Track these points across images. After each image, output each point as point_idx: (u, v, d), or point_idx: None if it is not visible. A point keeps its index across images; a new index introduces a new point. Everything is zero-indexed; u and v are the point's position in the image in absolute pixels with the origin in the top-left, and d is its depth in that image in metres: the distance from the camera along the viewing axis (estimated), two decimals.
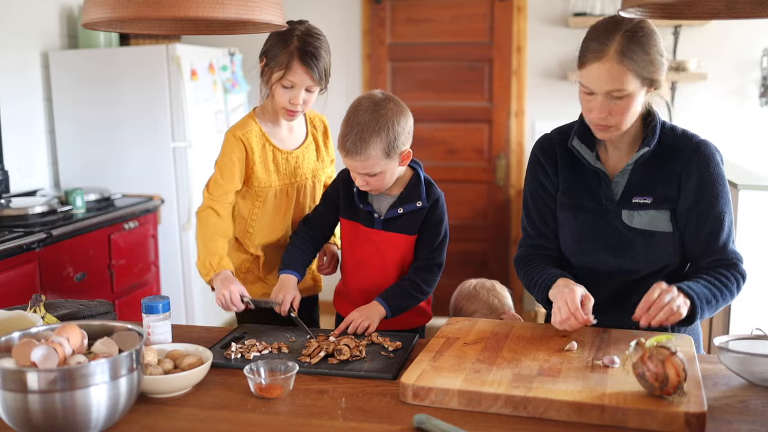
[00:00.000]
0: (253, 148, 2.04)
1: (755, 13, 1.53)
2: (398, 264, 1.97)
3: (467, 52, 4.46)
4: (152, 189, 3.84)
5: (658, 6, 1.55)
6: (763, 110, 4.16)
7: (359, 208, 1.97)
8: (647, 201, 1.69)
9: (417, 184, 1.94)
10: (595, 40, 1.59)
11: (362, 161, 1.83)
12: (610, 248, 1.72)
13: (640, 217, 1.69)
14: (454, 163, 4.53)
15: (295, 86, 1.96)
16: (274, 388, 1.44)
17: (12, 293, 2.78)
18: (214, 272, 1.95)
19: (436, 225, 1.95)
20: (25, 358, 1.24)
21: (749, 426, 1.29)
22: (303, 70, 1.94)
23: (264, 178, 2.06)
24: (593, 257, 1.75)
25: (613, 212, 1.71)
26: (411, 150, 1.90)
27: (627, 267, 1.72)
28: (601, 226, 1.72)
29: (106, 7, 1.35)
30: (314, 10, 4.60)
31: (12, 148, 3.64)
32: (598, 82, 1.58)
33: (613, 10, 4.09)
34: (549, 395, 1.34)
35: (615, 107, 1.60)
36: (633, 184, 1.70)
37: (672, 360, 1.31)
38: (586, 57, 1.60)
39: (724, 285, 1.63)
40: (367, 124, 1.81)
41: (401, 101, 1.90)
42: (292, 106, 1.98)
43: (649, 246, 1.69)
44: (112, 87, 3.80)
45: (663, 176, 1.69)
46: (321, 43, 1.98)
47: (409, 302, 1.93)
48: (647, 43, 1.57)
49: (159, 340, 1.68)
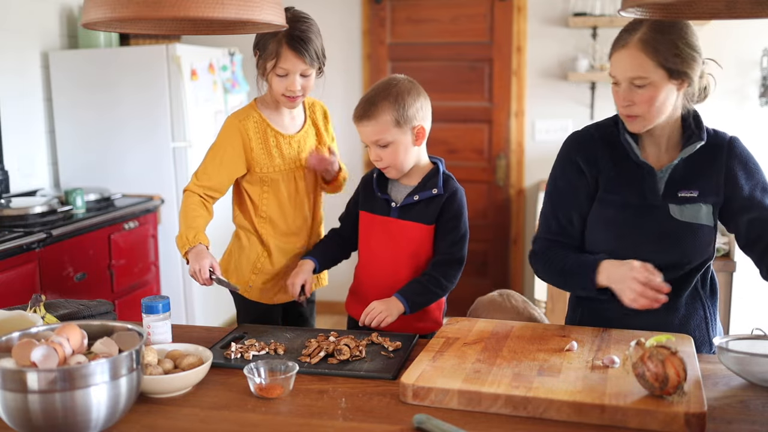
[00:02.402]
0: (250, 134, 2.05)
1: (755, 13, 1.52)
2: (411, 255, 1.95)
3: (467, 52, 4.46)
4: (152, 189, 3.84)
5: (658, 6, 1.55)
6: (763, 110, 4.16)
7: (377, 196, 1.99)
8: (694, 194, 1.70)
9: (435, 175, 1.97)
10: (625, 30, 1.64)
11: (371, 125, 1.88)
12: (656, 243, 1.70)
13: (690, 211, 1.70)
14: (454, 163, 4.53)
15: (290, 73, 1.97)
16: (274, 388, 1.44)
17: (12, 293, 2.78)
18: (190, 245, 1.97)
19: (454, 218, 1.95)
20: (25, 358, 1.24)
21: (749, 426, 1.29)
22: (293, 56, 1.94)
23: (266, 162, 2.07)
24: (637, 252, 1.68)
25: (660, 207, 1.71)
26: (426, 131, 1.93)
27: (674, 261, 1.70)
28: (648, 221, 1.71)
29: (106, 7, 1.35)
30: (314, 10, 4.54)
31: (12, 148, 3.64)
32: (620, 69, 1.63)
33: (613, 10, 4.09)
34: (549, 395, 1.34)
35: (638, 96, 1.62)
36: (675, 179, 1.71)
37: (672, 360, 1.31)
38: (614, 47, 1.65)
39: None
40: (379, 91, 1.90)
41: (420, 86, 1.95)
42: (290, 92, 1.99)
43: (696, 239, 1.70)
44: (112, 87, 3.80)
45: (705, 171, 1.71)
46: (309, 26, 1.98)
47: (429, 298, 1.92)
48: (674, 34, 1.59)
49: (159, 340, 1.68)
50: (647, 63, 1.59)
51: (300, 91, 2.00)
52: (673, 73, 1.60)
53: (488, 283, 4.51)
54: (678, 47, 1.59)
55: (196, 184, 2.07)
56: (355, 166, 4.49)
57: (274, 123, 2.09)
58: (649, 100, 1.61)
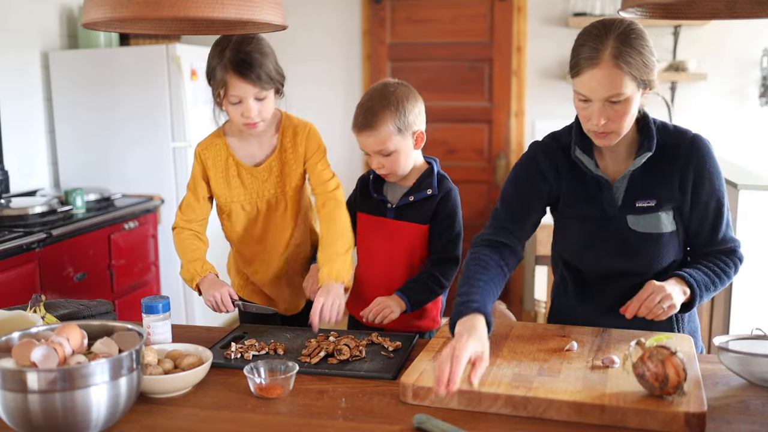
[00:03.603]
0: (208, 163, 2.00)
1: (755, 13, 1.52)
2: (407, 255, 1.97)
3: (467, 52, 4.46)
4: (152, 189, 3.84)
5: (658, 6, 1.55)
6: (763, 110, 4.16)
7: (373, 197, 2.00)
8: (651, 204, 1.68)
9: (430, 175, 1.98)
10: (588, 45, 1.55)
11: (374, 135, 1.87)
12: (618, 254, 1.71)
13: (647, 221, 1.68)
14: (454, 163, 4.53)
15: (242, 99, 1.85)
16: (274, 388, 1.44)
17: (12, 293, 2.78)
18: (200, 276, 1.95)
19: (449, 217, 1.96)
20: (25, 358, 1.24)
21: (749, 426, 1.29)
22: (241, 82, 1.83)
23: (224, 192, 2.01)
24: (601, 263, 1.74)
25: (618, 218, 1.70)
26: (424, 134, 1.94)
27: (636, 270, 1.71)
28: (607, 233, 1.71)
29: (106, 7, 1.35)
30: (314, 10, 4.60)
31: (12, 148, 3.64)
32: (595, 89, 1.55)
33: (613, 11, 4.09)
34: (549, 395, 1.34)
35: (613, 113, 1.57)
36: (633, 188, 1.69)
37: (672, 360, 1.31)
38: (580, 65, 1.56)
39: (723, 270, 1.67)
40: (378, 99, 1.89)
41: (414, 89, 1.96)
42: (247, 119, 1.88)
43: (658, 247, 1.69)
44: (112, 87, 3.80)
45: (662, 176, 1.68)
46: (255, 46, 1.85)
47: (428, 296, 1.94)
48: (640, 44, 1.55)
49: (159, 340, 1.68)
50: (623, 79, 1.53)
51: (258, 116, 1.88)
52: (642, 82, 1.57)
53: None
54: (644, 56, 1.55)
55: (183, 219, 2.03)
56: (355, 167, 4.49)
57: (238, 152, 2.01)
58: (624, 115, 1.57)
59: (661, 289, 1.56)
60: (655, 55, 1.59)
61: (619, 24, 1.56)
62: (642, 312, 1.55)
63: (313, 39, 4.61)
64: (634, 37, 1.55)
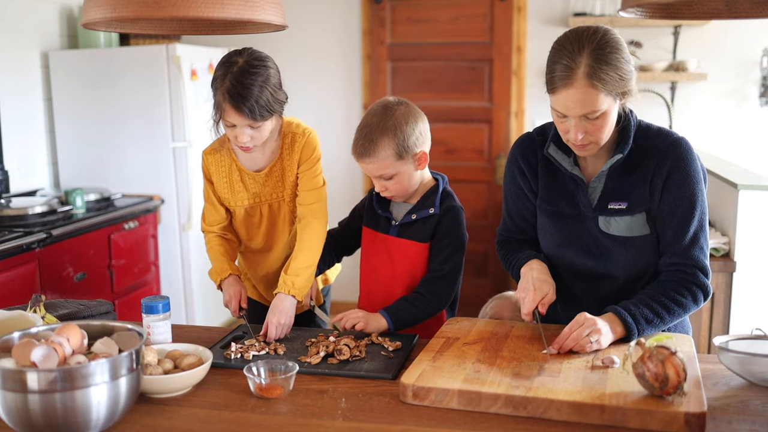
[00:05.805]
0: (211, 168, 2.04)
1: (755, 13, 1.53)
2: (407, 273, 1.95)
3: (467, 52, 4.46)
4: (152, 189, 3.84)
5: (658, 6, 1.55)
6: (763, 110, 4.16)
7: (378, 214, 1.99)
8: (622, 206, 1.65)
9: (434, 193, 1.94)
10: (561, 63, 1.53)
11: (373, 162, 1.84)
12: (590, 254, 1.70)
13: (617, 224, 1.66)
14: (454, 163, 4.53)
15: (236, 126, 1.85)
16: (274, 388, 1.44)
17: (12, 293, 2.78)
18: (221, 278, 2.02)
19: (447, 236, 1.92)
20: (25, 358, 1.24)
21: (749, 426, 1.29)
22: (234, 112, 1.82)
23: (227, 196, 2.06)
24: (575, 262, 1.73)
25: (591, 219, 1.69)
26: (427, 153, 1.89)
27: (608, 273, 1.70)
28: (580, 233, 1.70)
29: (106, 7, 1.35)
30: (314, 10, 4.60)
31: (12, 148, 3.64)
32: (570, 107, 1.53)
33: (613, 10, 4.09)
34: (549, 395, 1.34)
35: (591, 126, 1.56)
36: (609, 189, 1.67)
37: (672, 360, 1.31)
38: (555, 83, 1.55)
39: (675, 302, 1.60)
40: (376, 125, 1.83)
41: (415, 106, 1.90)
42: (240, 143, 1.88)
43: (628, 252, 1.67)
44: (112, 87, 3.80)
45: (637, 178, 1.65)
46: (255, 78, 1.81)
47: (413, 314, 1.87)
48: (615, 58, 1.52)
49: (159, 340, 1.69)
50: (598, 96, 1.51)
51: (250, 142, 1.88)
52: (619, 95, 1.55)
53: (488, 283, 4.52)
54: (620, 69, 1.52)
55: (205, 224, 2.11)
56: (355, 166, 4.49)
57: (241, 157, 2.03)
58: (601, 128, 1.56)
59: (592, 322, 1.54)
60: (632, 62, 1.56)
61: (593, 36, 1.52)
62: (568, 344, 1.54)
63: (313, 39, 4.62)
64: (609, 51, 1.51)
